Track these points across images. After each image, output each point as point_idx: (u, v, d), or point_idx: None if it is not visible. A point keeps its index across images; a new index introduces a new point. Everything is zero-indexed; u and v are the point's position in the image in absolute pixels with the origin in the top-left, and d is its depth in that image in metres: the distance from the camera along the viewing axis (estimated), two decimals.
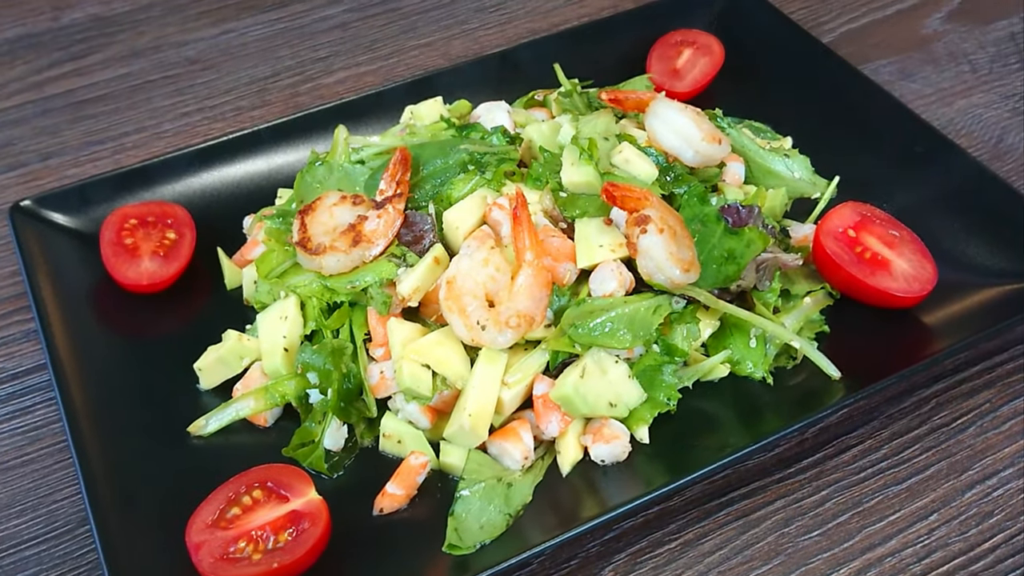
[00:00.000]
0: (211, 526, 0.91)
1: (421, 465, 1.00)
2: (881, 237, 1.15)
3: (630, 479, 1.01)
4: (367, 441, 1.05)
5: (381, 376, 1.04)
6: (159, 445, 1.04)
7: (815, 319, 1.13)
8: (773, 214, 1.21)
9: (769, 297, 1.11)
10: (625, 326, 1.02)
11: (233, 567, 0.88)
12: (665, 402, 1.04)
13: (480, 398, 0.99)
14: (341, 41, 1.61)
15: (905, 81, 1.53)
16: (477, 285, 1.01)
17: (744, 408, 1.08)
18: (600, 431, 1.01)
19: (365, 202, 1.11)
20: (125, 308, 1.17)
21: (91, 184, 1.25)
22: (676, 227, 1.06)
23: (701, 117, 1.19)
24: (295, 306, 1.08)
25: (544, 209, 1.11)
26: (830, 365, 1.06)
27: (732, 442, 1.03)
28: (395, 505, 0.99)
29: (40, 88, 1.53)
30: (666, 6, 1.55)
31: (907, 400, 1.12)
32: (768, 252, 1.12)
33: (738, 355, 1.08)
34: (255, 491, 0.93)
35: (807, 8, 1.67)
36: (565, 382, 1.00)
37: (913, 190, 1.27)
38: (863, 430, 1.09)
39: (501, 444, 1.00)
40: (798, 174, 1.25)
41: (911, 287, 1.11)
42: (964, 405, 1.11)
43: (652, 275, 1.04)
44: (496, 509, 0.97)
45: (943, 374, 1.14)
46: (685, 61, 1.43)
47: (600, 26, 1.51)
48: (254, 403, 1.04)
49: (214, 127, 1.47)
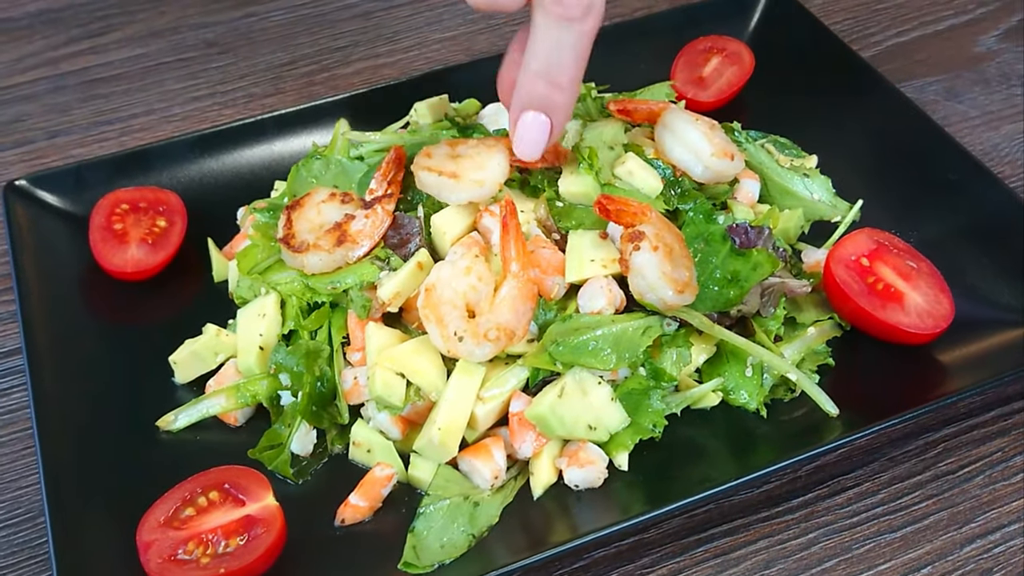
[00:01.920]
0: (163, 525, 0.92)
1: (386, 477, 1.00)
2: (897, 268, 1.12)
3: (605, 506, 1.00)
4: (337, 448, 1.05)
5: (355, 382, 1.04)
6: (127, 437, 1.05)
7: (820, 350, 1.11)
8: (786, 236, 1.19)
9: (771, 324, 1.09)
10: (610, 346, 1.01)
11: (179, 569, 0.89)
12: (650, 428, 1.02)
13: (452, 412, 0.99)
14: (362, 31, 1.62)
15: (951, 101, 1.49)
16: (457, 294, 1.01)
17: (735, 439, 1.06)
18: (576, 455, 1.00)
19: (354, 200, 1.11)
20: (110, 295, 1.19)
21: (87, 166, 1.27)
22: (674, 245, 1.04)
23: (714, 131, 1.17)
24: (274, 304, 1.08)
25: (538, 218, 1.10)
26: (828, 401, 1.04)
27: (718, 474, 1.01)
28: (357, 517, 0.99)
29: (55, 64, 1.57)
30: (700, 10, 1.53)
31: (912, 443, 1.09)
32: (776, 276, 1.10)
33: (732, 384, 1.07)
34: (211, 493, 0.94)
35: (853, 19, 1.64)
36: (542, 401, 0.99)
37: (942, 219, 1.24)
38: (861, 471, 1.07)
39: (471, 461, 1.00)
40: (817, 195, 1.23)
41: (923, 323, 1.08)
42: (974, 452, 1.08)
43: (644, 294, 1.03)
44: (459, 528, 0.96)
45: (954, 417, 1.11)
46: (712, 70, 1.41)
47: (628, 28, 1.50)
48: (224, 401, 1.05)
49: (224, 113, 1.49)
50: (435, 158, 1.09)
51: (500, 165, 1.07)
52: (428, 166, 1.08)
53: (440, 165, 1.07)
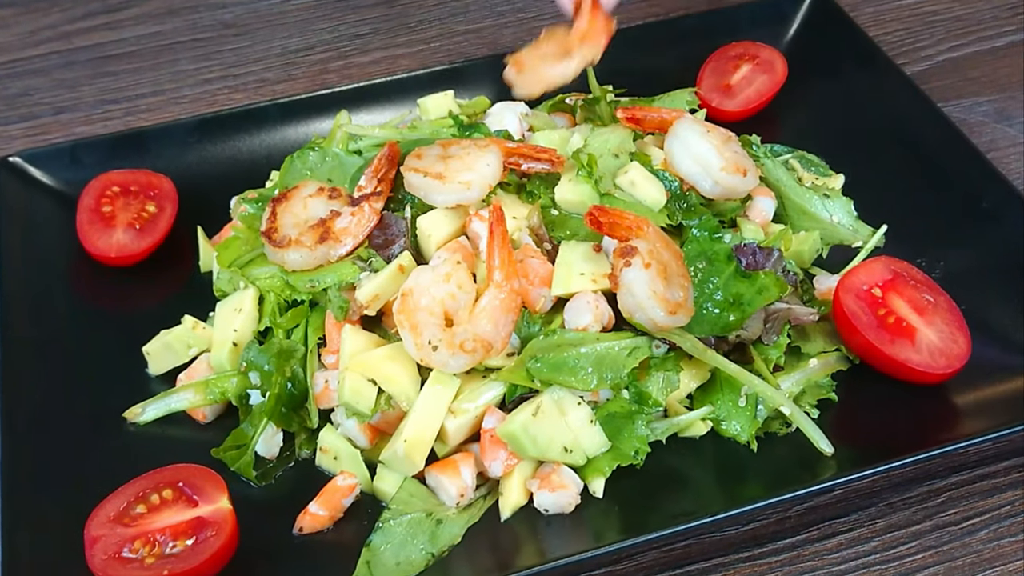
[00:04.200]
0: (112, 521, 0.94)
1: (349, 487, 1.00)
2: (912, 301, 1.09)
3: (577, 533, 0.99)
4: (305, 453, 1.06)
5: (325, 385, 1.05)
6: (93, 427, 1.07)
7: (823, 384, 1.09)
8: (799, 260, 1.17)
9: (772, 353, 1.08)
10: (592, 365, 1.00)
11: (123, 568, 0.90)
12: (631, 455, 1.01)
13: (420, 424, 0.99)
14: (385, 18, 1.63)
15: (1001, 124, 1.45)
16: (435, 301, 1.01)
17: (722, 472, 1.05)
18: (549, 477, 1.00)
19: (342, 197, 1.12)
20: (96, 279, 1.21)
21: (82, 145, 1.30)
22: (670, 263, 1.03)
23: (728, 144, 1.16)
24: (252, 299, 1.10)
25: (531, 226, 1.10)
26: (822, 439, 1.02)
27: (700, 508, 1.00)
28: (316, 526, 0.99)
29: (69, 39, 1.60)
30: (736, 14, 1.51)
31: (915, 489, 1.06)
32: (782, 302, 1.09)
33: (723, 413, 1.05)
34: (165, 491, 0.96)
35: (905, 30, 1.60)
36: (515, 419, 0.99)
37: (972, 252, 1.21)
38: (856, 516, 1.05)
39: (438, 477, 1.00)
40: (837, 217, 1.21)
41: (935, 362, 1.06)
42: (980, 504, 1.05)
43: (632, 313, 1.02)
44: (419, 546, 0.96)
45: (964, 465, 1.08)
46: (741, 77, 1.39)
47: (658, 28, 1.49)
48: (192, 396, 1.07)
49: (234, 97, 1.51)
50: (425, 158, 1.09)
51: (490, 167, 1.07)
52: (416, 166, 1.08)
53: (428, 165, 1.07)
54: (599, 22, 1.20)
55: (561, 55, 1.18)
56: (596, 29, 1.19)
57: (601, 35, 1.19)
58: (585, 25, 1.19)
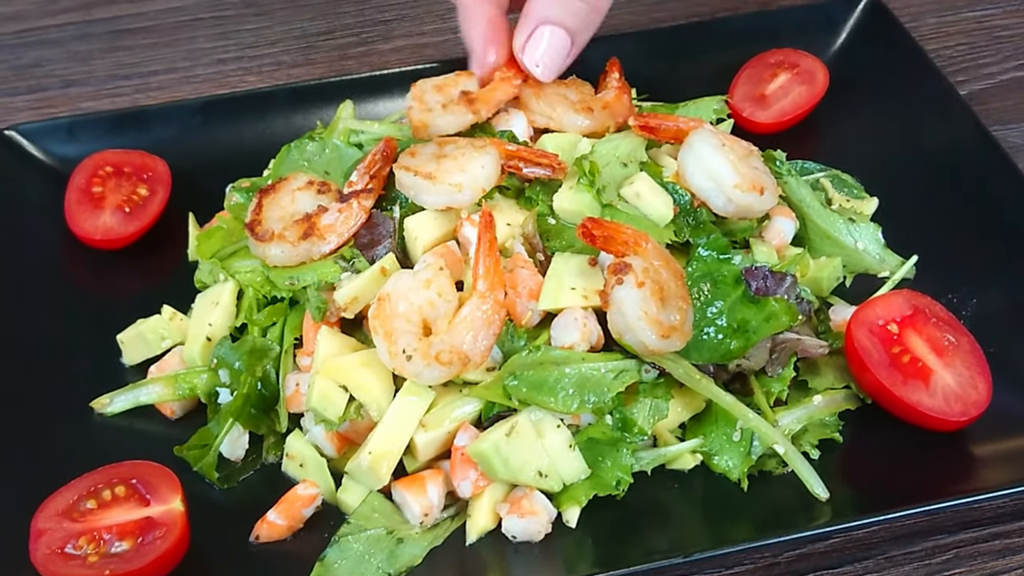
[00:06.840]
0: (60, 515, 0.95)
1: (309, 497, 1.00)
2: (931, 340, 1.06)
3: (545, 563, 0.99)
4: (272, 457, 1.06)
5: (296, 388, 1.05)
6: (59, 415, 1.09)
7: (828, 422, 1.06)
8: (816, 287, 1.15)
9: (775, 386, 1.06)
10: (574, 386, 1.00)
11: (65, 564, 0.92)
12: (612, 485, 1.00)
13: (387, 436, 0.99)
14: (412, 4, 1.63)
15: None
16: (413, 308, 1.01)
17: (710, 509, 1.03)
18: (519, 502, 0.99)
19: (331, 191, 1.12)
20: (81, 261, 1.24)
21: (81, 121, 1.32)
22: (668, 283, 1.02)
23: (746, 159, 1.13)
24: (231, 294, 1.11)
25: (525, 234, 1.09)
26: (818, 483, 1.00)
27: (681, 546, 0.98)
28: (274, 535, 1.00)
29: (88, 10, 1.63)
30: (782, 18, 1.49)
31: (919, 543, 1.03)
32: (792, 332, 1.07)
33: (716, 447, 1.04)
34: (118, 487, 0.97)
35: (968, 44, 1.56)
36: (487, 438, 0.98)
37: (1008, 291, 1.17)
38: (851, 568, 1.02)
39: (403, 493, 1.00)
40: (863, 244, 1.18)
41: (949, 408, 1.03)
42: (990, 565, 1.02)
43: (622, 334, 1.00)
44: (375, 565, 0.96)
45: (976, 521, 1.05)
46: (777, 87, 1.37)
47: (694, 30, 1.47)
48: (161, 390, 1.08)
49: (247, 79, 1.52)
50: (419, 156, 1.09)
51: (484, 169, 1.06)
52: (407, 164, 1.08)
53: (420, 164, 1.07)
54: (624, 101, 1.22)
55: (580, 108, 1.19)
56: (621, 105, 1.21)
57: (621, 114, 1.20)
58: (611, 98, 1.21)
